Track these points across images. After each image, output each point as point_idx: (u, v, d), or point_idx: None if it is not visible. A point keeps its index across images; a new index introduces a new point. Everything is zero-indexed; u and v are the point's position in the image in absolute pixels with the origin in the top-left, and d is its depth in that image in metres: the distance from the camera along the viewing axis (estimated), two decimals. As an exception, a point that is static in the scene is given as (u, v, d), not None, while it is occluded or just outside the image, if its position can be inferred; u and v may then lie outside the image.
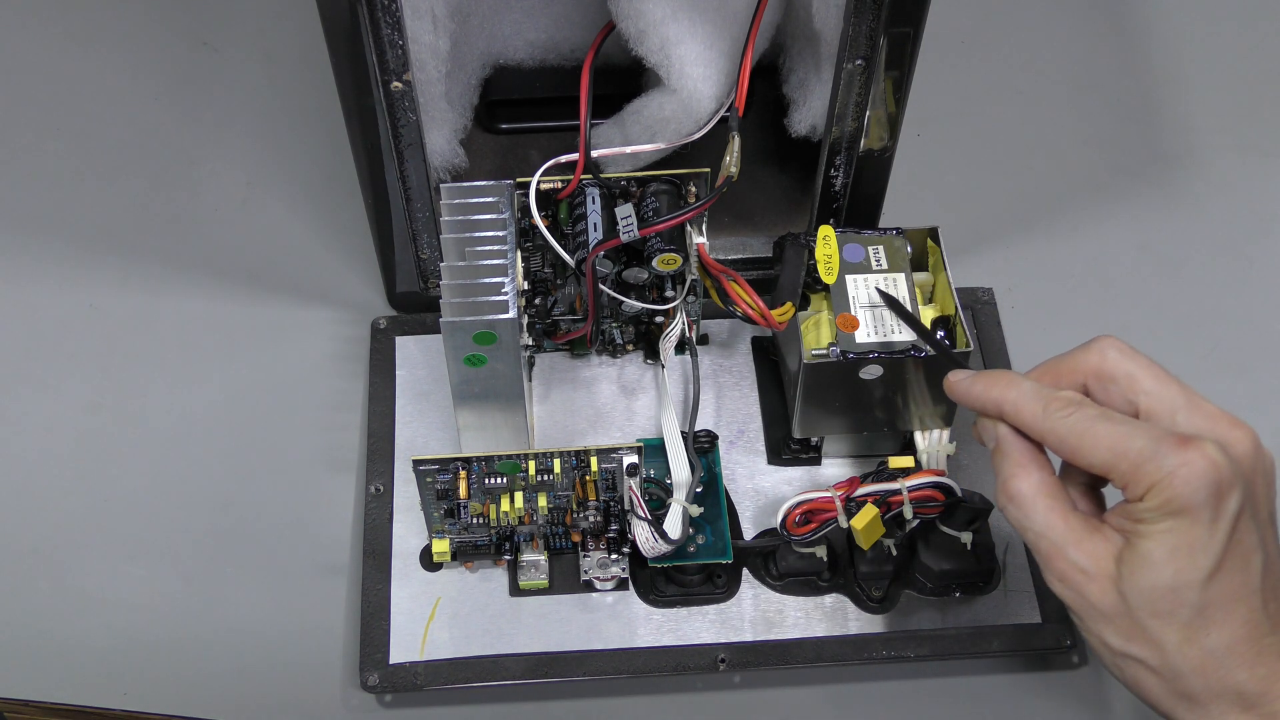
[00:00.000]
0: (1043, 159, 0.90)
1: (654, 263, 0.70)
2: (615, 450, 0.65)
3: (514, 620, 0.69)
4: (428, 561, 0.71)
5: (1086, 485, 0.58)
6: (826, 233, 0.70)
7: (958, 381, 0.60)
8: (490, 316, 0.64)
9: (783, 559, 0.70)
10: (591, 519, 0.68)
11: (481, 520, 0.68)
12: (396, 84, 0.65)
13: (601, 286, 0.70)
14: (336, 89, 0.68)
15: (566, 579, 0.70)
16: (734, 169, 0.69)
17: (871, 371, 0.67)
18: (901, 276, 0.70)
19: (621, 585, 0.70)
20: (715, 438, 0.74)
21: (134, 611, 0.71)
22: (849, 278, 0.69)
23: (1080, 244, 0.86)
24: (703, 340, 0.79)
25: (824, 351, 0.67)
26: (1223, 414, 0.55)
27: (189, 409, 0.78)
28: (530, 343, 0.72)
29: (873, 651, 0.69)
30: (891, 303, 0.67)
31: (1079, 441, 0.54)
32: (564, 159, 0.70)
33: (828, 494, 0.66)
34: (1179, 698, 0.54)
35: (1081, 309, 0.83)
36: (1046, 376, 0.58)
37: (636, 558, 0.69)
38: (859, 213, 0.76)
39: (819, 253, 0.70)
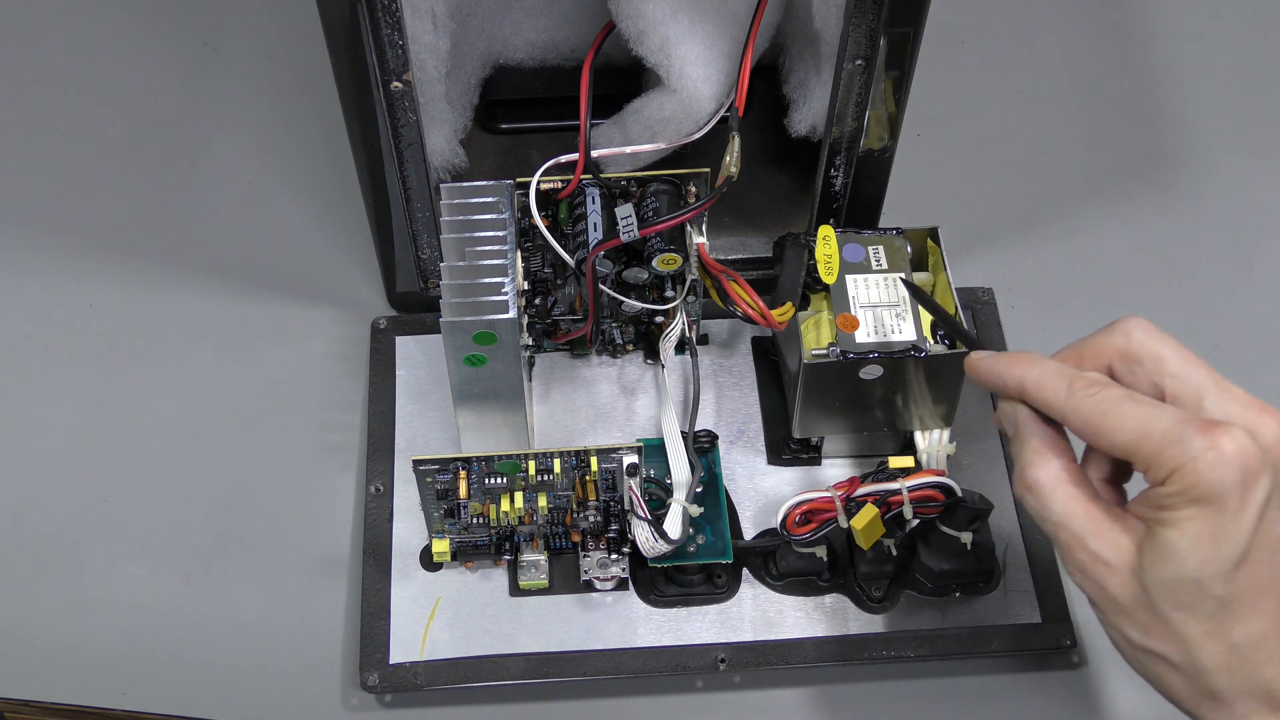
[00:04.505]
0: (1043, 159, 0.90)
1: (654, 263, 0.70)
2: (615, 450, 0.65)
3: (514, 620, 0.69)
4: (428, 561, 0.71)
5: (1109, 479, 0.57)
6: (826, 233, 0.70)
7: (980, 359, 0.58)
8: (490, 316, 0.64)
9: (783, 559, 0.70)
10: (591, 519, 0.68)
11: (481, 520, 0.68)
12: (396, 84, 0.65)
13: (601, 286, 0.70)
14: (336, 89, 0.68)
15: (566, 579, 0.70)
16: (734, 169, 0.69)
17: (871, 371, 0.67)
18: (901, 276, 0.70)
19: (621, 585, 0.70)
20: (715, 438, 0.74)
21: (134, 611, 0.71)
22: (849, 278, 0.69)
23: (1080, 244, 0.86)
24: (703, 340, 0.79)
25: (824, 351, 0.67)
26: (1252, 400, 0.53)
27: (189, 409, 0.78)
28: (530, 343, 0.72)
29: (873, 651, 0.69)
30: (918, 294, 0.67)
31: (1102, 421, 0.52)
32: (564, 159, 0.70)
33: (828, 494, 0.66)
34: (1203, 696, 0.52)
35: (1081, 309, 0.83)
36: (1070, 359, 0.56)
37: (636, 558, 0.69)
38: (859, 213, 0.76)
39: (819, 253, 0.70)
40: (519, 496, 0.67)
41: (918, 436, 0.71)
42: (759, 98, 0.83)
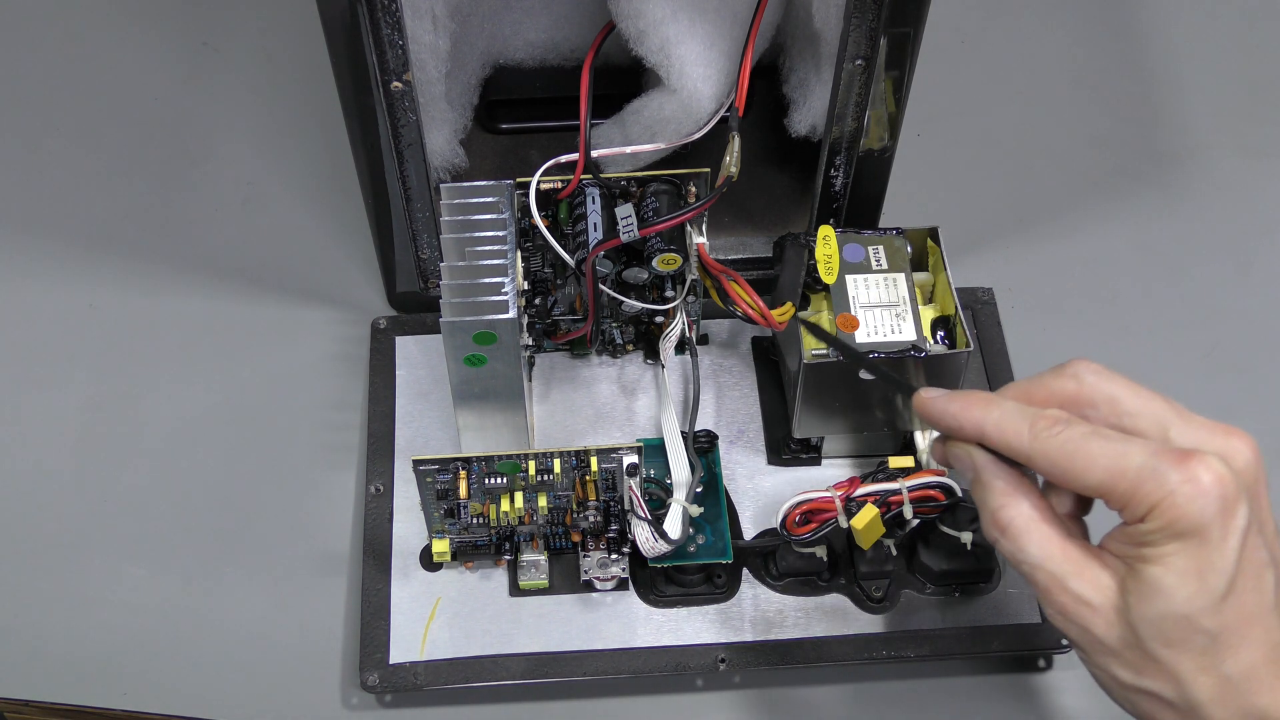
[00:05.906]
0: (1043, 159, 0.90)
1: (654, 263, 0.70)
2: (615, 450, 0.65)
3: (514, 620, 0.69)
4: (428, 561, 0.71)
5: (1071, 514, 0.55)
6: (826, 233, 0.70)
7: (931, 399, 0.56)
8: (490, 316, 0.64)
9: (783, 559, 0.70)
10: (591, 519, 0.68)
11: (481, 520, 0.68)
12: (396, 84, 0.65)
13: (601, 286, 0.70)
14: (336, 89, 0.68)
15: (566, 579, 0.70)
16: (734, 169, 0.69)
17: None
18: (901, 276, 0.70)
19: (621, 585, 0.70)
20: (715, 438, 0.74)
21: (134, 611, 0.71)
22: (849, 278, 0.69)
23: (1080, 244, 0.86)
24: (703, 340, 0.79)
25: (824, 351, 0.67)
26: (1217, 425, 0.52)
27: (189, 408, 0.78)
28: (530, 343, 0.72)
29: (873, 651, 0.69)
30: (817, 331, 0.66)
31: (1071, 462, 0.51)
32: (564, 159, 0.70)
33: (828, 494, 0.66)
34: None
35: (1081, 309, 0.83)
36: (1018, 399, 0.54)
37: (636, 558, 0.69)
38: (859, 213, 0.76)
39: (819, 253, 0.70)
40: (519, 496, 0.67)
41: (918, 436, 0.71)
42: (759, 98, 0.83)
